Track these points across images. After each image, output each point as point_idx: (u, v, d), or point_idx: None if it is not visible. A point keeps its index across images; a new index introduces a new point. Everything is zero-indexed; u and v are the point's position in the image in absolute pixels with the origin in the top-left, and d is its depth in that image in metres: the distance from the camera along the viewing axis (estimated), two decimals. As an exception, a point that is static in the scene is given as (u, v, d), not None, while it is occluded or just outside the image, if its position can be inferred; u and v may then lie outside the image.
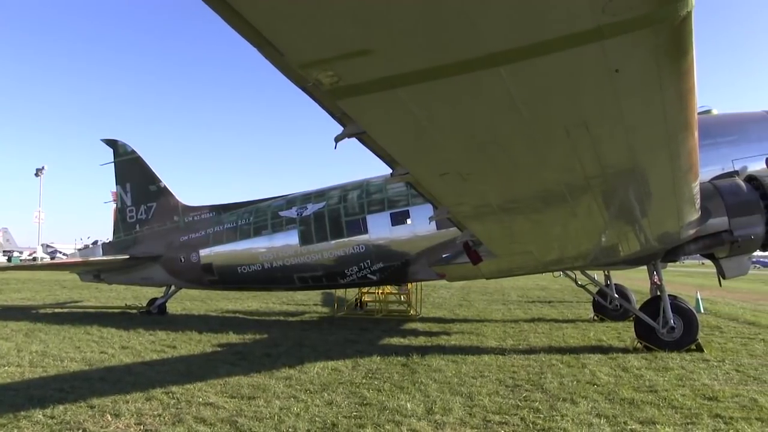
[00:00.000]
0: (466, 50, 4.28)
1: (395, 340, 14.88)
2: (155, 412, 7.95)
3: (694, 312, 13.20)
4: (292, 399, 8.69)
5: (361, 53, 4.22)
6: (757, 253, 13.62)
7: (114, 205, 21.76)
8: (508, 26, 4.02)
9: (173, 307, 22.08)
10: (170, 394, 8.90)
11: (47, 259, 68.72)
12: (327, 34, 4.03)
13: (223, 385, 9.56)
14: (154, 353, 12.53)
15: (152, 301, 20.75)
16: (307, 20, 3.86)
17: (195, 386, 9.43)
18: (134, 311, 21.24)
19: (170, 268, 19.31)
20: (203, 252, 18.69)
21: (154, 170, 20.99)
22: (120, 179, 21.13)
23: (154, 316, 19.75)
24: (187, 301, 25.18)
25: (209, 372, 10.54)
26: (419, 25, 3.93)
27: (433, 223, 14.85)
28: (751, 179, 12.69)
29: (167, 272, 19.44)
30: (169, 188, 20.75)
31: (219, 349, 13.30)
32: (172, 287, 20.41)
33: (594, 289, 19.24)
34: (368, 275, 16.97)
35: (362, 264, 16.82)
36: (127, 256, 19.81)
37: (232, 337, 14.99)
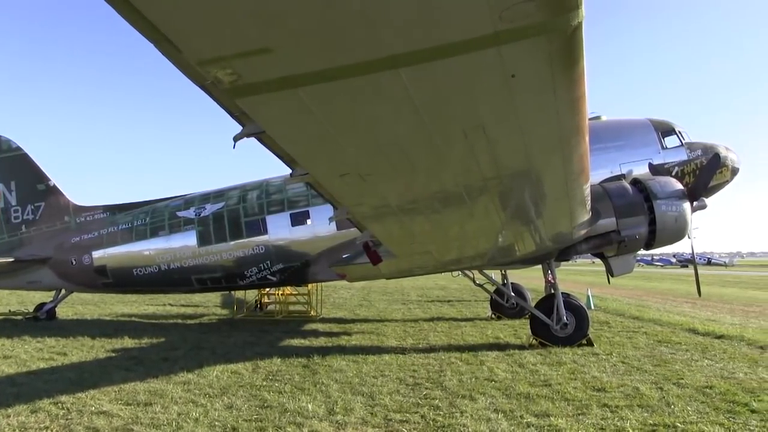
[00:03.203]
0: (366, 51, 4.31)
1: (296, 342, 14.79)
2: (42, 425, 7.51)
3: (585, 308, 13.77)
4: (191, 404, 8.47)
5: (260, 52, 4.17)
6: (640, 252, 14.34)
7: (-4, 205, 20.50)
8: (407, 29, 4.07)
9: (63, 311, 21.09)
10: (59, 405, 8.43)
11: None
12: (226, 31, 3.96)
13: (118, 392, 9.19)
14: (42, 361, 11.87)
15: (40, 306, 19.69)
16: (206, 17, 3.78)
17: (87, 394, 9.01)
18: (19, 317, 20.10)
19: (60, 271, 18.36)
20: (96, 254, 17.89)
21: (42, 168, 19.90)
22: (3, 177, 19.85)
23: (42, 322, 18.74)
24: (78, 305, 24.12)
25: (103, 379, 10.11)
26: (319, 25, 3.92)
27: (334, 224, 14.86)
28: (636, 182, 13.39)
29: (57, 275, 18.46)
30: (58, 187, 19.70)
31: (113, 354, 12.79)
32: (63, 291, 19.44)
33: (491, 288, 19.73)
34: (268, 276, 16.77)
35: (262, 265, 16.61)
36: (12, 259, 18.65)
37: (128, 342, 14.46)
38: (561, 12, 4.13)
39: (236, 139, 5.70)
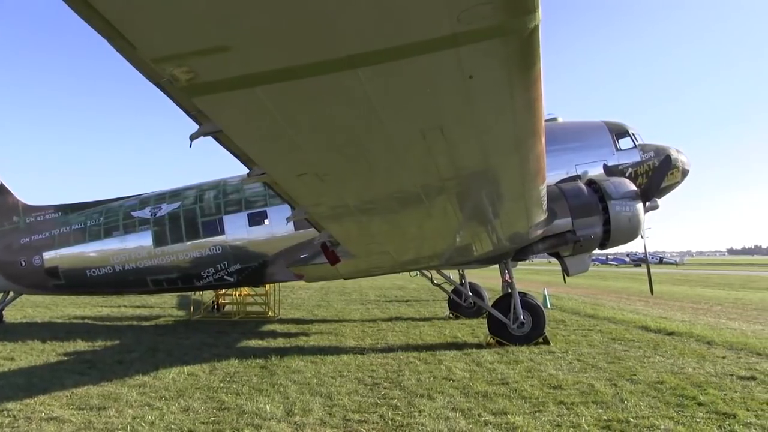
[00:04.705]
0: (325, 51, 4.29)
1: (253, 343, 14.69)
2: (-14, 433, 7.31)
3: (542, 307, 13.96)
4: (146, 407, 8.33)
5: (218, 50, 4.12)
6: (595, 251, 14.58)
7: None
8: (366, 29, 4.07)
9: (12, 315, 20.55)
10: (5, 412, 8.16)
11: None
12: (183, 28, 3.90)
13: (70, 397, 8.99)
14: (-12, 367, 11.52)
15: (-14, 309, 19.12)
16: (162, 12, 3.72)
17: (36, 400, 8.76)
18: (-36, 321, 19.48)
19: (8, 273, 17.82)
20: (47, 255, 17.45)
21: (-11, 167, 19.28)
22: (-55, 176, 19.17)
23: None
24: (28, 307, 23.52)
25: (54, 383, 9.86)
26: (277, 23, 3.89)
27: (291, 224, 14.80)
28: (591, 183, 13.61)
29: (4, 277, 17.89)
30: (6, 186, 19.12)
31: (65, 358, 12.50)
32: (11, 293, 18.87)
33: (449, 288, 19.87)
34: (225, 277, 16.60)
35: (219, 266, 16.43)
36: None
37: (81, 345, 14.15)
38: (518, 15, 4.18)
39: (193, 138, 5.63)
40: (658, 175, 13.85)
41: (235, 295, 22.57)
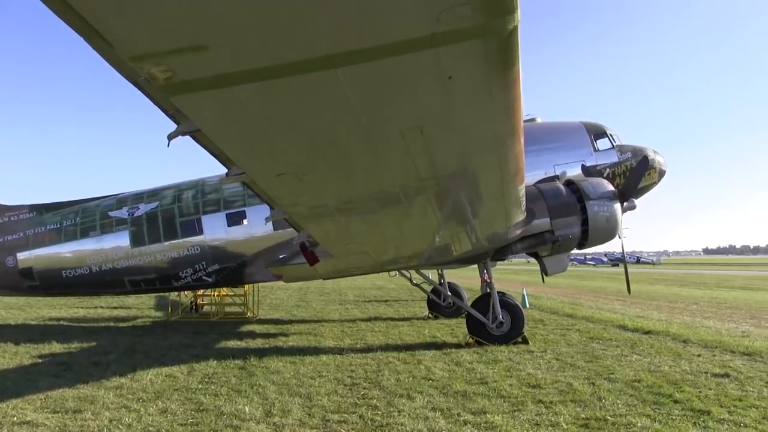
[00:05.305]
0: (304, 51, 4.28)
1: (232, 343, 14.61)
2: (-46, 440, 7.19)
3: (521, 307, 14.02)
4: (124, 409, 8.25)
5: (196, 48, 4.09)
6: (574, 251, 14.67)
7: None
8: (345, 29, 4.06)
9: (-16, 317, 20.25)
10: (-24, 417, 8.01)
11: None
12: (161, 26, 3.87)
13: (44, 400, 8.86)
14: (-41, 371, 11.29)
15: (-41, 311, 18.78)
16: (140, 10, 3.68)
17: (9, 404, 8.61)
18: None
19: (-19, 274, 17.55)
20: (21, 255, 17.17)
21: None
22: None
23: None
24: (1, 309, 23.20)
25: (27, 387, 9.70)
26: (255, 23, 3.87)
27: (270, 224, 14.74)
28: (569, 183, 13.70)
29: (-23, 279, 17.63)
30: (-21, 186, 18.83)
31: (40, 360, 12.33)
32: (-17, 295, 18.62)
33: (428, 288, 19.91)
34: (204, 277, 16.48)
35: (197, 266, 16.30)
36: None
37: (56, 347, 13.97)
38: (497, 16, 4.19)
39: (170, 137, 5.57)
40: (635, 175, 13.97)
41: (214, 295, 22.45)
